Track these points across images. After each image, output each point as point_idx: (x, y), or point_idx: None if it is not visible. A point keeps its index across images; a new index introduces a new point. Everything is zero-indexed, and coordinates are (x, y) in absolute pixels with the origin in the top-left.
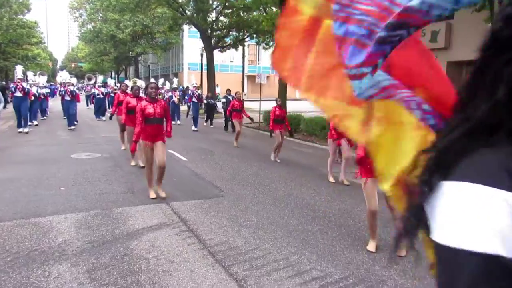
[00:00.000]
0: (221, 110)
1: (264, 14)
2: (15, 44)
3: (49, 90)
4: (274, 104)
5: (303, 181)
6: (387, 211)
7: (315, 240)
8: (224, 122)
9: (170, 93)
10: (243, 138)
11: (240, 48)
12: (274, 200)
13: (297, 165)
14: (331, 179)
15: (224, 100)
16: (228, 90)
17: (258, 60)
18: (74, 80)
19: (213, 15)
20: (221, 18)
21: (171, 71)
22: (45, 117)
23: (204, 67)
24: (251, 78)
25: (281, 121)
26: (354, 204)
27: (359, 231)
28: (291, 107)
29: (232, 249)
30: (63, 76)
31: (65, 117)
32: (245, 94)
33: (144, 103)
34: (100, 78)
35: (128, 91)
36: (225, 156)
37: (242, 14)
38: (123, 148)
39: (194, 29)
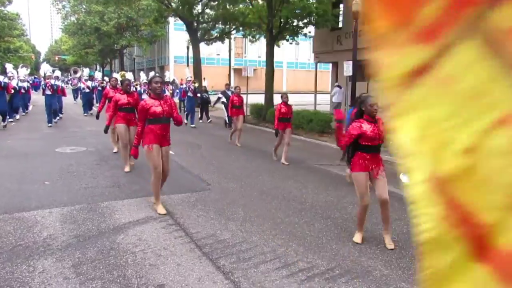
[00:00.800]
0: (216, 106)
1: (251, 6)
2: None
3: (29, 84)
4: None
5: (290, 174)
6: (373, 204)
7: (302, 232)
8: (226, 118)
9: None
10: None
11: (227, 41)
12: (261, 193)
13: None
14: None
15: (221, 95)
16: (227, 85)
17: (245, 53)
18: (57, 73)
19: (199, 8)
20: (207, 10)
21: (157, 64)
22: (25, 113)
23: (191, 60)
24: (238, 71)
25: (287, 119)
26: (340, 197)
27: (346, 223)
28: (278, 100)
29: (219, 242)
30: (43, 69)
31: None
32: (232, 87)
33: (149, 101)
34: (86, 71)
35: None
36: (212, 150)
37: (228, 7)
38: (115, 150)
39: (180, 21)
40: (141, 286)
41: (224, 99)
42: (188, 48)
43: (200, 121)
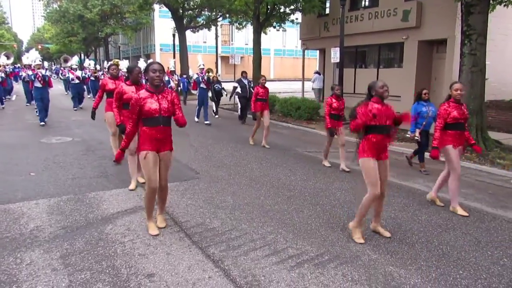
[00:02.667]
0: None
1: None
2: None
3: (3, 75)
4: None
5: (279, 161)
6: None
7: (291, 219)
8: (239, 111)
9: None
10: (218, 120)
11: (213, 28)
12: (250, 180)
13: (273, 145)
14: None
15: (236, 84)
16: (244, 73)
17: (232, 41)
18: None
19: None
20: None
21: (143, 52)
22: (2, 107)
23: (177, 48)
24: (225, 58)
25: (338, 115)
26: (329, 183)
27: (334, 209)
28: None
29: (209, 230)
30: (31, 57)
31: (35, 108)
32: (219, 75)
33: (144, 94)
34: (75, 59)
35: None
36: (200, 138)
37: None
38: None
39: (165, 8)
40: (131, 276)
41: (239, 89)
42: (174, 35)
43: (216, 116)
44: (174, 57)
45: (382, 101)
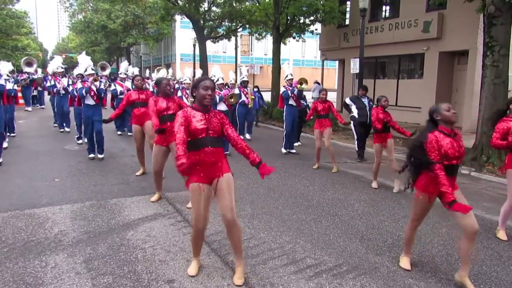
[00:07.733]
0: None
1: (257, 4)
2: (4, 34)
3: (16, 86)
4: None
5: (297, 171)
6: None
7: (309, 229)
8: (357, 144)
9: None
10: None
11: (233, 38)
12: (268, 190)
13: (290, 156)
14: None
15: (350, 102)
16: (363, 91)
17: (251, 51)
18: (80, 69)
19: (205, 5)
20: (214, 8)
21: (163, 61)
22: (13, 134)
23: (197, 58)
24: None
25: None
26: (347, 194)
27: (352, 220)
28: None
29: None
30: (84, 63)
31: (80, 136)
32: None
33: (191, 113)
34: (124, 66)
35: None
36: None
37: (234, 4)
38: (138, 173)
39: (186, 19)
40: (152, 282)
41: (355, 111)
42: (194, 46)
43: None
44: (194, 66)
45: (451, 129)
